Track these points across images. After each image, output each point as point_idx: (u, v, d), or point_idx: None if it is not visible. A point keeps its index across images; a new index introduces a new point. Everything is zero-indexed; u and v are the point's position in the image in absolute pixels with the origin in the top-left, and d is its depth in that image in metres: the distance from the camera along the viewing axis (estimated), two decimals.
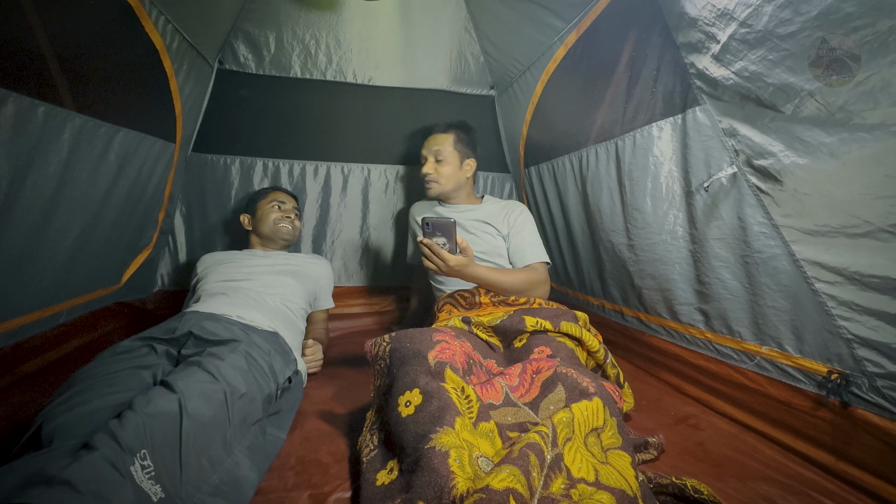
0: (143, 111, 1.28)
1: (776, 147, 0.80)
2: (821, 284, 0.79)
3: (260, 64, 1.78)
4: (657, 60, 1.05)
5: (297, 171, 1.86)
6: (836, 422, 0.81)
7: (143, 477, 0.56)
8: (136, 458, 0.57)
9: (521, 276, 1.27)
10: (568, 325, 1.04)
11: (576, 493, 0.63)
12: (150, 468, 0.57)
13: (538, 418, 0.80)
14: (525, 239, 1.36)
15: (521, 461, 0.62)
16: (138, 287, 1.58)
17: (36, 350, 1.10)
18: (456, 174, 1.46)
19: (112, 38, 1.09)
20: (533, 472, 0.62)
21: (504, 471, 0.60)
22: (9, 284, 0.97)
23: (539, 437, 0.68)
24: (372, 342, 0.91)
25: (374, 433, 0.82)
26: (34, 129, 0.89)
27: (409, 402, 0.74)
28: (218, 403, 0.71)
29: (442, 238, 1.10)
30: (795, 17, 0.70)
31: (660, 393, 1.16)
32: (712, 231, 0.99)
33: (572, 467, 0.68)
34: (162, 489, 0.57)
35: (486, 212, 1.43)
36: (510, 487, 0.57)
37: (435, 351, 0.83)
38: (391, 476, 0.70)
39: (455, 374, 0.79)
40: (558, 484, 0.64)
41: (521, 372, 0.90)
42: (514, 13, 1.57)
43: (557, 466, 0.66)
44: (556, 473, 0.65)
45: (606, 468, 0.70)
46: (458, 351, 0.87)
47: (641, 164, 1.16)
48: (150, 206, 1.48)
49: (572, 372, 0.85)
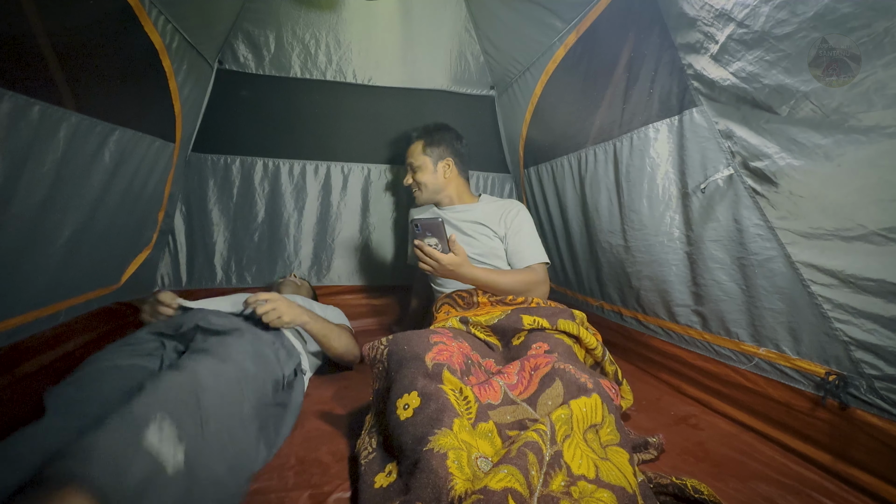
0: (141, 111, 1.28)
1: (772, 149, 0.80)
2: (816, 287, 0.79)
3: (260, 64, 1.78)
4: (655, 61, 1.05)
5: (297, 171, 1.86)
6: (835, 422, 0.81)
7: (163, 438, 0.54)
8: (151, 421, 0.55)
9: (519, 276, 1.26)
10: (565, 322, 1.04)
11: (576, 491, 0.63)
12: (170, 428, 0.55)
13: (536, 414, 0.80)
14: (523, 240, 1.35)
15: (519, 460, 0.62)
16: (138, 287, 1.58)
17: (35, 350, 1.10)
18: (433, 179, 1.46)
19: (111, 37, 1.09)
20: (532, 471, 0.62)
21: (502, 471, 0.60)
22: (4, 284, 0.97)
23: (537, 436, 0.68)
24: (369, 345, 0.91)
25: (372, 436, 0.82)
26: (29, 127, 0.89)
27: (408, 405, 0.75)
28: (231, 380, 0.71)
29: (433, 238, 1.10)
30: (792, 18, 0.70)
31: (659, 393, 1.16)
32: (708, 233, 0.99)
33: (572, 464, 0.68)
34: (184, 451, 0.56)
35: (481, 212, 1.42)
36: (508, 487, 0.57)
37: (433, 353, 0.83)
38: (389, 479, 0.71)
39: (453, 375, 0.79)
40: (558, 481, 0.64)
41: (519, 370, 0.90)
42: (514, 13, 1.57)
43: (557, 464, 0.66)
44: (555, 471, 0.65)
45: (606, 464, 0.70)
46: (455, 352, 0.87)
47: (638, 165, 1.16)
48: (149, 206, 1.48)
49: (570, 368, 0.84)
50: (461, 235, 1.40)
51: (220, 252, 1.80)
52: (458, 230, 1.41)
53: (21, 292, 1.03)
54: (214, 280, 1.79)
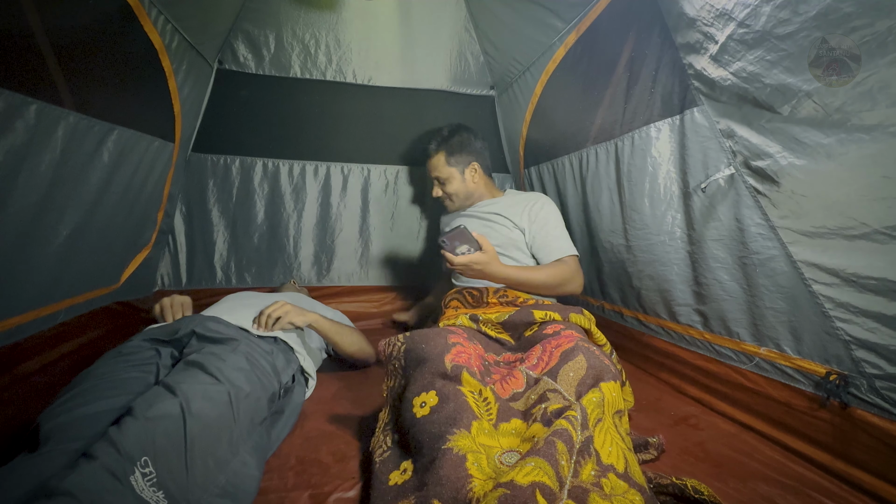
0: (140, 110, 1.28)
1: (773, 148, 0.80)
2: (818, 286, 0.79)
3: (260, 64, 1.78)
4: (656, 61, 1.05)
5: (296, 171, 1.86)
6: (836, 422, 0.81)
7: (144, 485, 0.56)
8: (136, 466, 0.56)
9: (551, 270, 1.23)
10: (577, 316, 1.03)
11: (607, 485, 0.60)
12: (151, 475, 0.57)
13: (557, 384, 0.77)
14: (550, 233, 1.31)
15: (547, 450, 0.59)
16: (138, 287, 1.58)
17: (34, 350, 1.10)
18: (463, 186, 1.46)
19: (110, 36, 1.08)
20: (561, 461, 0.59)
21: (529, 464, 0.57)
22: (3, 284, 0.96)
23: (567, 423, 0.65)
24: (385, 342, 0.89)
25: (387, 434, 0.81)
26: (27, 126, 0.89)
27: (425, 403, 0.73)
28: (222, 404, 0.71)
29: (463, 246, 1.10)
30: (794, 18, 0.70)
31: (659, 393, 1.16)
32: (710, 232, 0.99)
33: (602, 451, 0.65)
34: (165, 495, 0.57)
35: (504, 204, 1.40)
36: (536, 481, 0.55)
37: (451, 354, 0.82)
38: (405, 476, 0.69)
39: (472, 377, 0.78)
40: (588, 470, 0.62)
41: (541, 352, 0.88)
42: (514, 13, 1.57)
43: (587, 451, 0.64)
44: (585, 459, 0.63)
45: (632, 457, 0.68)
46: (473, 354, 0.86)
47: (640, 164, 1.16)
48: (148, 206, 1.48)
49: (594, 348, 0.83)
50: (478, 224, 1.38)
51: (219, 252, 1.80)
52: (476, 219, 1.40)
53: (20, 292, 1.03)
54: (214, 280, 1.79)
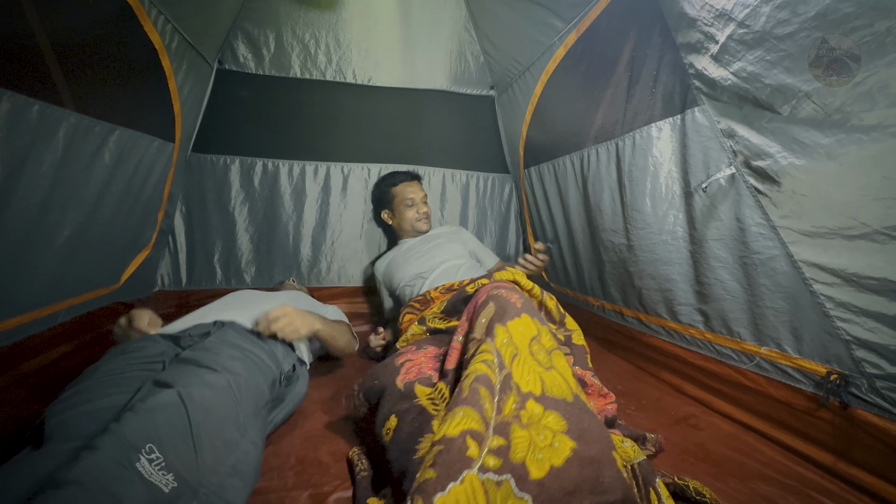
0: (140, 110, 1.28)
1: (774, 148, 0.80)
2: (819, 286, 0.79)
3: (259, 64, 1.78)
4: (657, 61, 1.05)
5: (296, 172, 1.86)
6: (836, 422, 0.81)
7: (153, 470, 0.56)
8: (140, 453, 0.56)
9: None
10: (500, 273, 1.13)
11: (525, 415, 0.65)
12: (158, 460, 0.57)
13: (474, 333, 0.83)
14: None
15: (472, 397, 0.65)
16: (138, 287, 1.58)
17: (35, 350, 1.10)
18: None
19: (110, 37, 1.09)
20: (485, 405, 0.64)
21: (458, 414, 0.62)
22: (4, 284, 0.96)
23: (485, 367, 0.70)
24: (346, 398, 0.97)
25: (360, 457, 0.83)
26: (28, 127, 0.89)
27: (389, 430, 0.77)
28: (222, 389, 0.72)
29: None
30: (793, 18, 0.70)
31: (660, 393, 1.16)
32: (711, 232, 0.99)
33: (521, 382, 0.69)
34: (174, 477, 0.57)
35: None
36: (465, 429, 0.60)
37: (401, 374, 0.87)
38: (381, 501, 0.70)
39: (424, 385, 0.82)
40: (510, 404, 0.66)
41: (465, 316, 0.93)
42: (514, 13, 1.58)
43: (507, 386, 0.68)
44: (506, 394, 0.67)
45: (550, 375, 0.72)
46: (422, 361, 0.90)
47: (641, 164, 1.16)
48: (148, 206, 1.48)
49: (502, 291, 0.89)
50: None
51: (219, 252, 1.80)
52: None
53: (21, 292, 1.03)
54: (214, 280, 1.79)
